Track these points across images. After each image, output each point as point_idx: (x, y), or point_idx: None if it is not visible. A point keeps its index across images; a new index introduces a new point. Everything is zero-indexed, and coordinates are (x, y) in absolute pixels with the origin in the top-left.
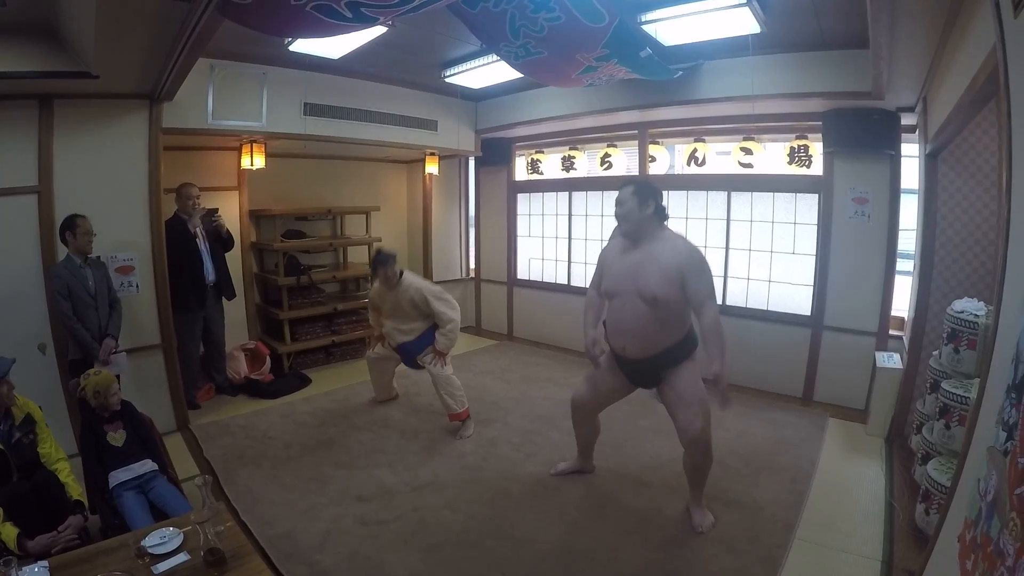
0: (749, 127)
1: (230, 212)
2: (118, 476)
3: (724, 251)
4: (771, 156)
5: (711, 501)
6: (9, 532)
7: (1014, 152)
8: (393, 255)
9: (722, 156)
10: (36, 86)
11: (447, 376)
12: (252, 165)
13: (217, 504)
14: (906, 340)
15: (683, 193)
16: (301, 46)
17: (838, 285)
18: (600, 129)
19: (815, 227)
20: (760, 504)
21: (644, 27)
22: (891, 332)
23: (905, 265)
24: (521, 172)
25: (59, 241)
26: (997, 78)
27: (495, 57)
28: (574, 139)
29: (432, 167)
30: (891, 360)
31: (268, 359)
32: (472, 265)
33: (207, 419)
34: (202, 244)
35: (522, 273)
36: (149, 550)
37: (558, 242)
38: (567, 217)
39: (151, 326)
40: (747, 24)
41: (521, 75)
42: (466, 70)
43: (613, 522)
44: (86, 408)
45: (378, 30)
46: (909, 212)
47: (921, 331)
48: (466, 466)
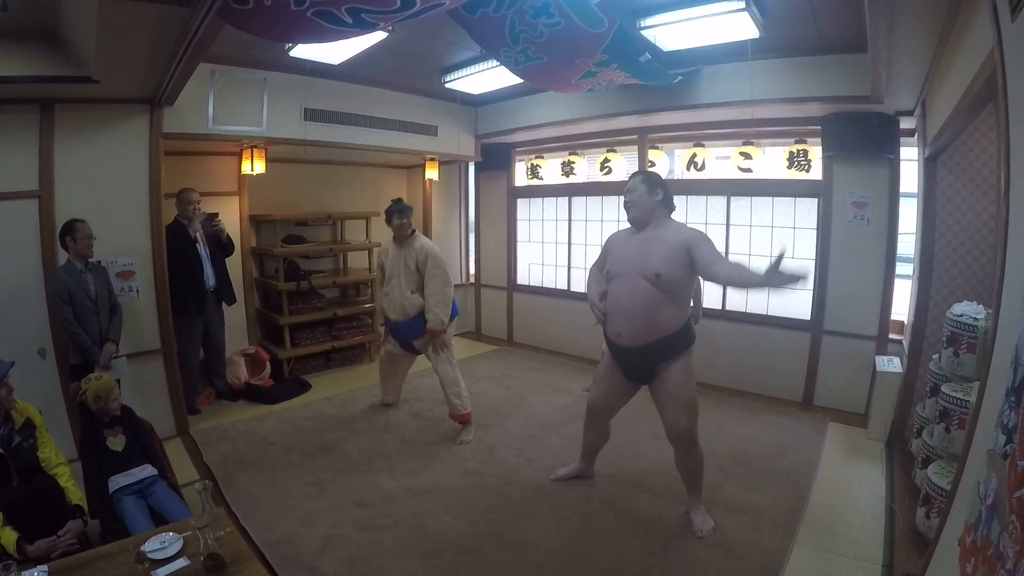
0: (748, 132)
1: (230, 217)
2: (118, 481)
3: (723, 254)
4: (770, 161)
5: (711, 506)
6: (9, 536)
7: (1012, 155)
8: (410, 207)
9: (721, 161)
10: (37, 91)
11: (454, 378)
12: (252, 170)
13: (217, 509)
14: (906, 344)
15: (683, 198)
16: (301, 51)
17: (838, 289)
18: (600, 134)
19: (814, 231)
20: (760, 509)
21: (643, 32)
22: (891, 336)
23: (904, 269)
24: (521, 177)
25: (60, 246)
26: (995, 81)
27: (495, 62)
28: (574, 144)
29: (432, 172)
30: (891, 364)
31: (268, 364)
32: (472, 270)
33: (207, 424)
34: (202, 249)
35: (522, 278)
36: (149, 555)
37: (558, 247)
38: (567, 222)
39: (151, 331)
40: (746, 29)
41: (521, 80)
42: (466, 75)
43: (613, 527)
44: (86, 413)
45: (378, 36)
46: (908, 216)
47: (921, 335)
48: (466, 472)
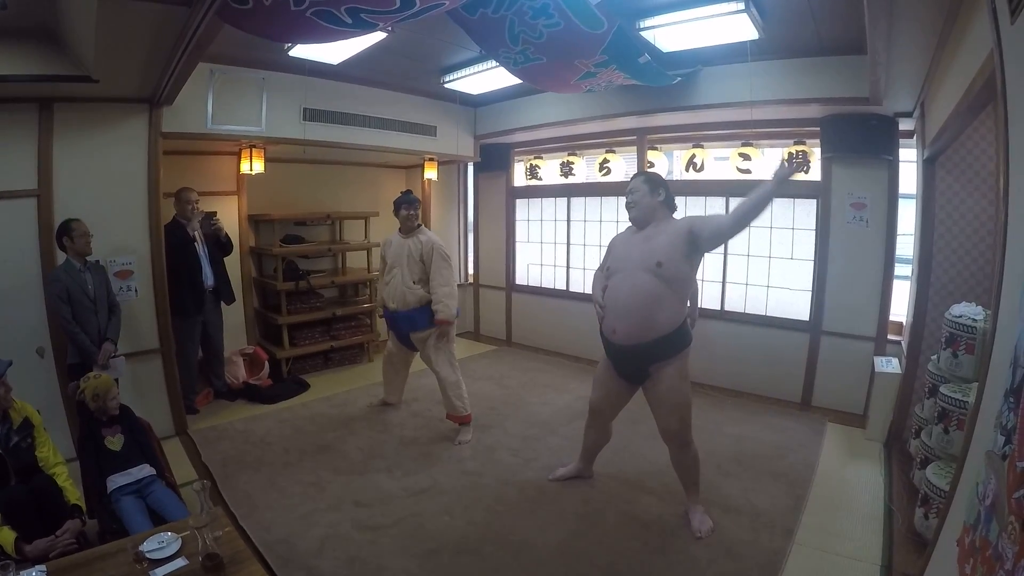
0: (747, 133)
1: (229, 217)
2: (116, 480)
3: (722, 256)
4: (769, 162)
5: (710, 506)
6: (7, 536)
7: (1011, 157)
8: (418, 200)
9: (720, 162)
10: (36, 90)
11: (455, 380)
12: (251, 170)
13: (215, 509)
14: (904, 345)
15: (682, 199)
16: (300, 51)
17: (836, 290)
18: (599, 135)
19: (813, 232)
20: (759, 509)
21: (643, 33)
22: (889, 337)
23: (903, 270)
24: (520, 177)
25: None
26: (994, 83)
27: (494, 63)
28: (573, 145)
29: (431, 172)
30: (889, 365)
31: (267, 364)
32: (471, 270)
33: (205, 424)
34: (201, 248)
35: (521, 279)
36: (147, 555)
37: (557, 247)
38: (566, 223)
39: (150, 330)
40: (745, 30)
41: (520, 81)
42: (465, 76)
43: (612, 528)
44: (84, 412)
45: (378, 36)
46: (907, 217)
47: (919, 336)
48: (465, 472)
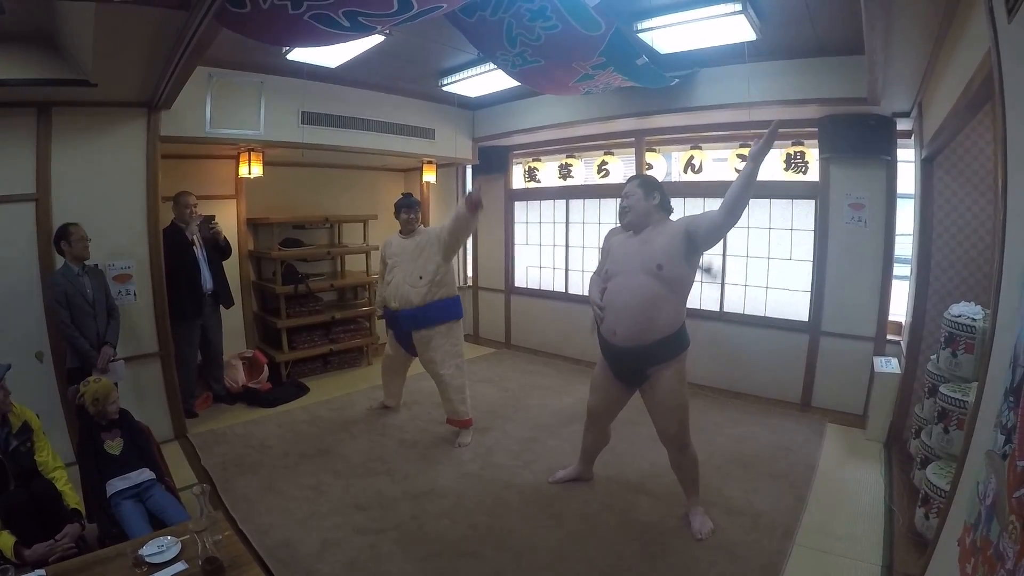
0: (745, 134)
1: (228, 220)
2: (116, 485)
3: (721, 258)
4: (767, 163)
5: (710, 507)
6: (6, 540)
7: (1009, 156)
8: (418, 202)
9: (719, 163)
10: (34, 94)
11: (460, 384)
12: (250, 173)
13: (215, 513)
14: (904, 345)
15: (680, 200)
16: (298, 55)
17: (835, 291)
18: (597, 137)
19: (812, 233)
20: (759, 510)
21: (640, 35)
22: (889, 337)
23: (902, 270)
24: (518, 180)
25: (56, 252)
26: (992, 82)
27: (492, 66)
28: (571, 147)
29: (429, 175)
30: (889, 365)
31: (266, 368)
32: (470, 273)
33: (205, 428)
34: (200, 252)
35: (520, 281)
36: (147, 559)
37: (555, 250)
38: (564, 225)
39: (149, 334)
40: (743, 32)
41: (518, 83)
42: (463, 79)
43: (612, 530)
44: (84, 416)
45: (375, 39)
46: (906, 217)
47: (919, 335)
48: (464, 474)
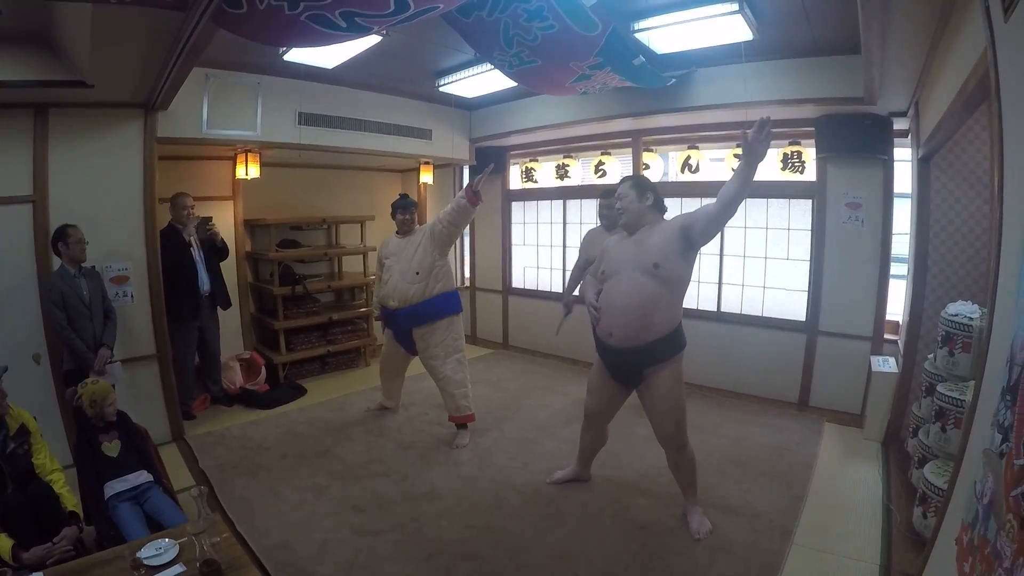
0: (743, 134)
1: (225, 222)
2: (113, 487)
3: (719, 257)
4: (764, 162)
5: (708, 508)
6: (4, 543)
7: (1006, 155)
8: (414, 203)
9: (716, 163)
10: (31, 95)
11: (461, 379)
12: (247, 175)
13: (213, 515)
14: (901, 344)
15: (677, 200)
16: (295, 55)
17: (833, 290)
18: (594, 137)
19: (809, 232)
20: (757, 510)
21: (637, 35)
22: (886, 336)
23: (899, 269)
24: (515, 180)
25: (52, 252)
26: (988, 82)
27: (489, 66)
28: (568, 147)
29: (427, 176)
30: (886, 364)
31: (263, 369)
32: (467, 274)
33: (202, 430)
34: (197, 254)
35: (517, 282)
36: (145, 561)
37: (553, 250)
38: (561, 225)
39: (146, 336)
40: (740, 31)
41: (515, 84)
42: (460, 79)
43: (610, 530)
44: (81, 418)
45: (372, 39)
46: (902, 216)
47: (916, 335)
48: (462, 476)
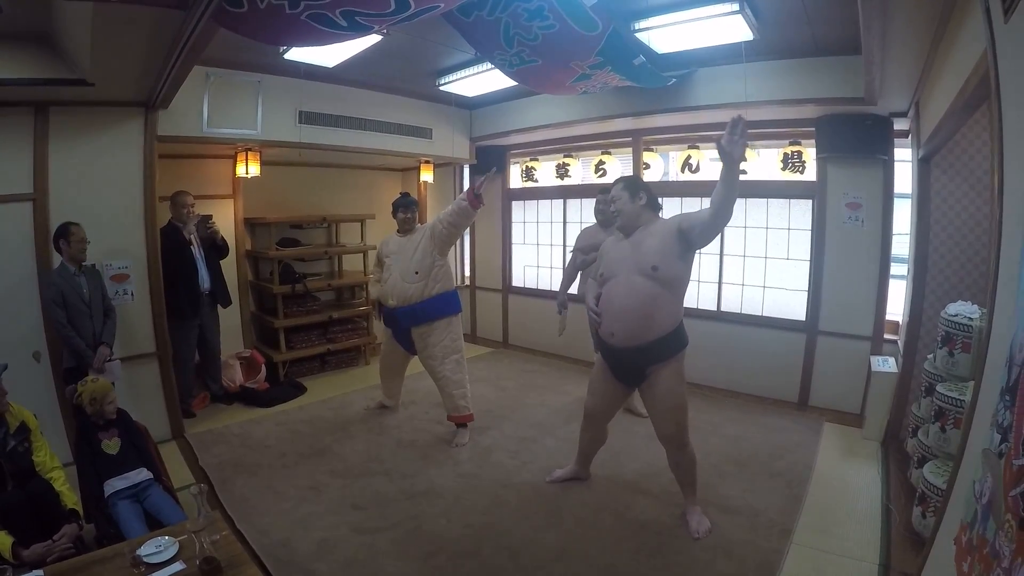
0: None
1: (225, 220)
2: (113, 485)
3: (719, 257)
4: (765, 162)
5: (707, 506)
6: (4, 541)
7: (1006, 155)
8: (415, 202)
9: (716, 163)
10: (31, 93)
11: (460, 379)
12: (247, 173)
13: (212, 513)
14: (901, 344)
15: (677, 200)
16: (296, 54)
17: (833, 290)
18: (594, 136)
19: (809, 232)
20: (757, 509)
21: (637, 35)
22: (886, 336)
23: (899, 269)
24: (516, 180)
25: (54, 249)
26: (988, 82)
27: (489, 65)
28: (568, 147)
29: (427, 175)
30: (886, 364)
31: (263, 367)
32: (467, 273)
33: (202, 428)
34: (197, 252)
35: (517, 280)
36: (145, 559)
37: (553, 249)
38: (562, 224)
39: (146, 334)
40: (740, 31)
41: (515, 83)
42: (460, 78)
43: (609, 529)
44: (81, 416)
45: (373, 38)
46: (903, 216)
47: (916, 335)
48: (462, 474)
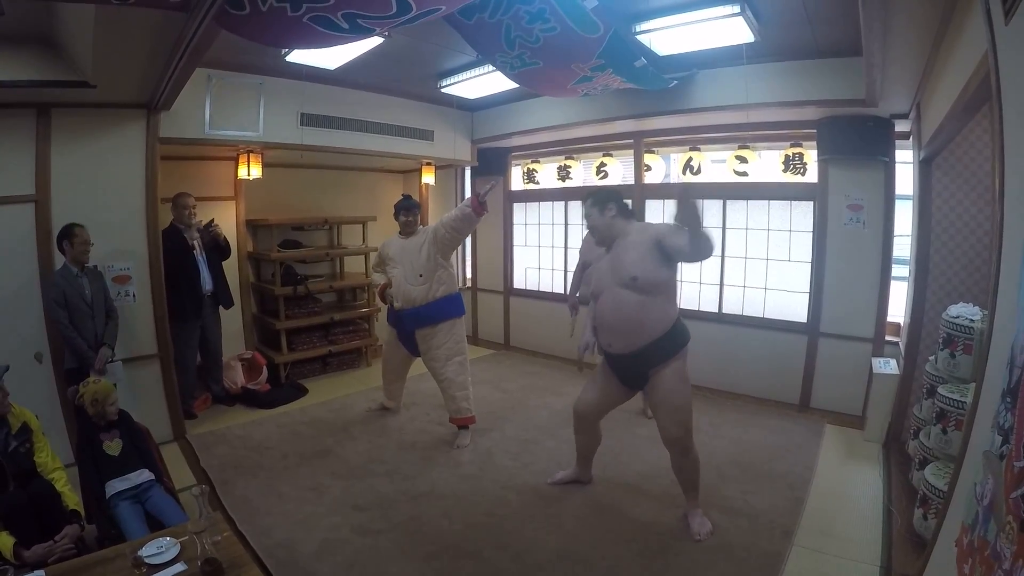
0: (744, 135)
1: (227, 222)
2: (115, 485)
3: (720, 259)
4: (766, 164)
5: (709, 508)
6: (5, 541)
7: (1007, 157)
8: (418, 206)
9: (717, 164)
10: (34, 95)
11: (462, 381)
12: (249, 175)
13: (214, 514)
14: (902, 346)
15: None
16: (298, 56)
17: (834, 292)
18: (596, 139)
19: (810, 234)
20: (758, 511)
21: (639, 37)
22: (887, 338)
23: (900, 271)
24: (517, 182)
25: (56, 250)
26: (989, 84)
27: (491, 67)
28: (570, 149)
29: (428, 177)
30: (887, 366)
31: (265, 369)
32: (469, 274)
33: (204, 429)
34: (199, 253)
35: (518, 282)
36: (146, 560)
37: (554, 251)
38: (563, 226)
39: (148, 336)
40: (741, 33)
41: (517, 85)
42: (462, 80)
43: (611, 531)
44: (83, 417)
45: (374, 41)
46: (904, 218)
47: (917, 336)
48: (463, 475)
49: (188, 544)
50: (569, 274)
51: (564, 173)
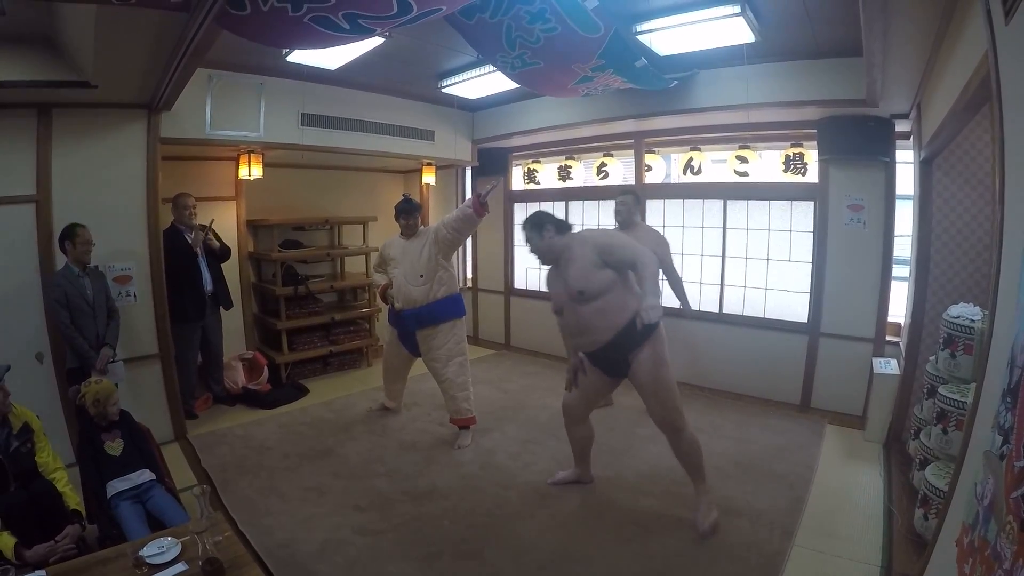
0: (744, 135)
1: (227, 222)
2: (116, 486)
3: (720, 259)
4: (767, 164)
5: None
6: (7, 541)
7: (1007, 157)
8: (419, 207)
9: (718, 164)
10: (35, 95)
11: (463, 381)
12: (249, 175)
13: (215, 514)
14: (903, 346)
15: (679, 202)
16: (298, 57)
17: (834, 292)
18: (596, 139)
19: (811, 234)
20: (759, 511)
21: (639, 37)
22: (888, 338)
23: (901, 271)
24: (518, 182)
25: (58, 250)
26: (990, 84)
27: (491, 68)
28: (570, 149)
29: (429, 177)
30: (888, 366)
31: (266, 369)
32: (469, 274)
33: (205, 429)
34: (200, 254)
35: (519, 283)
36: (147, 560)
37: None
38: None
39: (149, 336)
40: (741, 34)
41: (517, 85)
42: (463, 80)
43: (611, 531)
44: (84, 417)
45: (375, 41)
46: (904, 218)
47: (918, 337)
48: (464, 476)
49: (189, 544)
50: None
51: (565, 173)
